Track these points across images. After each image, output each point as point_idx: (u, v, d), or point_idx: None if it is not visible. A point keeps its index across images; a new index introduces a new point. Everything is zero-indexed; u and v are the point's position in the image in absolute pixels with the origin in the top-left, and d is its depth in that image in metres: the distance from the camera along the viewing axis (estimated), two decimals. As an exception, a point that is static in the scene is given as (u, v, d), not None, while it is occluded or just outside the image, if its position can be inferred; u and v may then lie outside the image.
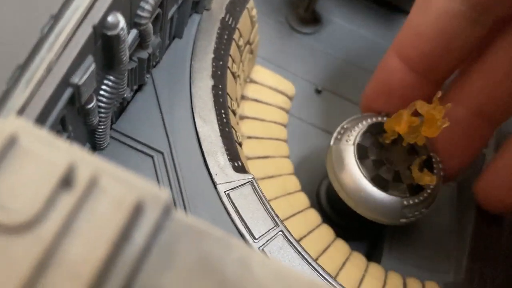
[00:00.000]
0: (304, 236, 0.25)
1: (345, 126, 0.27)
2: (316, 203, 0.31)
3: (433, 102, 0.24)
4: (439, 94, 0.24)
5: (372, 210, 0.25)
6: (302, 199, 0.27)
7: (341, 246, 0.27)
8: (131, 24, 0.19)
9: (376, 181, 0.25)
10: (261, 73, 0.31)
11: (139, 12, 0.18)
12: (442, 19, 0.25)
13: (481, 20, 0.24)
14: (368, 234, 0.31)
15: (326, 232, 0.27)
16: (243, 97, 0.29)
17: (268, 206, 0.22)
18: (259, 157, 0.28)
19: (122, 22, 0.16)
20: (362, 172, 0.25)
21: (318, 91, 0.35)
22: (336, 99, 0.35)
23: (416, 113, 0.25)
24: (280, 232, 0.21)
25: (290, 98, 0.31)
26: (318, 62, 0.35)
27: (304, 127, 0.33)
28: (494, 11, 0.24)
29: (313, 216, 0.27)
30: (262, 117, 0.29)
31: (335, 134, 0.27)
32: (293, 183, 0.28)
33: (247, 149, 0.28)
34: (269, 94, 0.30)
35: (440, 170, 0.27)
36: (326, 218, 0.30)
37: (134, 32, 0.19)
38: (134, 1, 0.18)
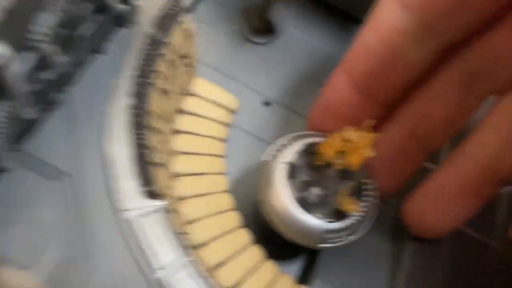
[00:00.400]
0: (226, 261, 0.25)
1: (281, 143, 0.26)
2: (254, 221, 0.30)
3: (359, 129, 0.23)
4: (372, 122, 0.24)
5: (293, 232, 0.25)
6: (233, 219, 0.27)
7: (268, 270, 0.26)
8: (25, 48, 0.18)
9: (301, 201, 0.25)
10: (202, 86, 0.30)
11: (31, 36, 0.18)
12: (389, 36, 0.24)
13: (428, 41, 0.24)
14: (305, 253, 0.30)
15: (252, 255, 0.26)
16: (181, 111, 0.29)
17: (180, 234, 0.21)
18: (191, 174, 0.27)
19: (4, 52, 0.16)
20: (288, 191, 0.25)
21: (267, 103, 0.34)
22: (286, 113, 0.34)
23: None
24: (189, 262, 0.20)
25: (232, 111, 0.30)
26: (270, 73, 0.35)
27: (249, 140, 0.33)
28: (441, 34, 0.23)
29: (242, 236, 0.27)
30: (198, 132, 0.28)
31: (269, 150, 0.26)
32: (225, 201, 0.27)
33: (180, 165, 0.27)
34: (208, 107, 0.29)
35: (374, 197, 0.26)
36: (263, 237, 0.30)
37: (30, 55, 0.18)
38: (21, 26, 0.17)
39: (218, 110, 0.30)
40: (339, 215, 0.25)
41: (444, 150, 0.30)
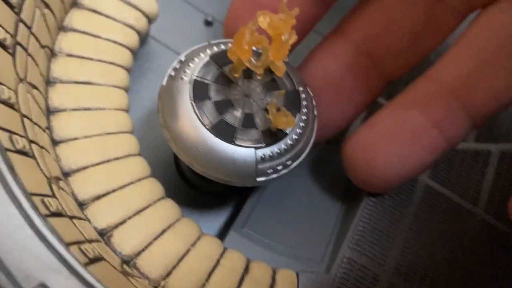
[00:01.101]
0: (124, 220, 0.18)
1: (182, 59, 0.20)
2: (174, 164, 0.24)
3: (279, 11, 0.17)
4: (296, 10, 0.17)
5: (217, 169, 0.18)
6: (139, 165, 0.20)
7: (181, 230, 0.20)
8: None
9: (219, 129, 0.18)
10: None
11: None
12: None
13: None
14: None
15: (166, 210, 0.20)
16: (77, 5, 0.22)
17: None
18: (77, 82, 0.21)
19: None
20: (199, 118, 0.18)
21: (208, 23, 0.28)
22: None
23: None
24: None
25: (147, 15, 0.24)
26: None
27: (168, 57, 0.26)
28: None
29: (153, 187, 0.20)
30: (97, 33, 0.22)
31: (169, 70, 0.20)
32: (127, 141, 0.21)
33: (60, 71, 0.20)
34: (115, 4, 0.23)
35: (311, 108, 0.20)
36: (187, 181, 0.23)
37: None
38: None
39: (128, 10, 0.23)
40: (271, 137, 0.18)
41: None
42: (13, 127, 0.15)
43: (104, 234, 0.18)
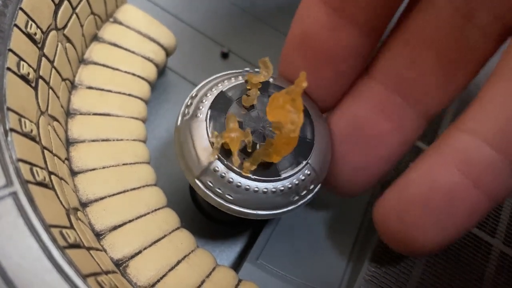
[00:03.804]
0: (141, 251, 0.19)
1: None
2: (190, 194, 0.24)
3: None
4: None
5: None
6: (155, 195, 0.20)
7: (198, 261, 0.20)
8: None
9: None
10: (130, 13, 0.24)
11: None
12: None
13: None
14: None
15: (181, 241, 0.20)
16: (97, 39, 0.23)
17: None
18: (96, 114, 0.21)
19: None
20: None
21: (224, 55, 0.28)
22: (244, 65, 0.28)
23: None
24: (12, 194, 0.14)
25: (166, 48, 0.24)
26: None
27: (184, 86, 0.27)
28: None
29: (169, 217, 0.20)
30: (116, 66, 0.22)
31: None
32: (144, 171, 0.21)
33: (80, 103, 0.21)
34: (134, 38, 0.23)
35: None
36: (202, 211, 0.24)
37: None
38: None
39: (147, 43, 0.24)
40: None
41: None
42: (33, 159, 0.16)
43: (120, 265, 0.18)
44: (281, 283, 0.21)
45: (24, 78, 0.17)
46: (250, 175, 0.18)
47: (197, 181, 0.18)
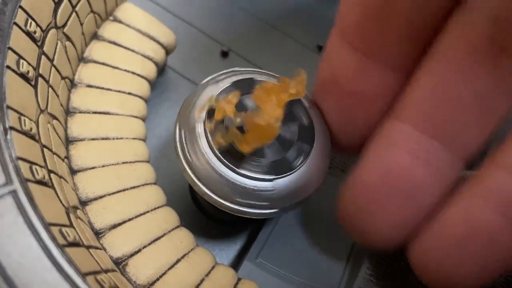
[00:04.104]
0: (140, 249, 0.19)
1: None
2: (189, 193, 0.24)
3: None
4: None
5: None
6: (154, 194, 0.20)
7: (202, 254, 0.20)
8: None
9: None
10: (130, 11, 0.24)
11: None
12: None
13: None
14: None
15: (180, 239, 0.20)
16: (97, 37, 0.23)
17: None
18: (95, 112, 0.21)
19: None
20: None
21: (224, 53, 0.28)
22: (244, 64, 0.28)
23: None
24: (12, 193, 0.14)
25: (165, 47, 0.24)
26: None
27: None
28: None
29: (168, 216, 0.20)
30: (116, 64, 0.22)
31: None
32: (143, 170, 0.21)
33: (79, 101, 0.21)
34: (134, 37, 0.23)
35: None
36: (202, 210, 0.24)
37: None
38: None
39: (147, 42, 0.23)
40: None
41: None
42: (33, 158, 0.16)
43: (120, 263, 0.18)
44: (281, 282, 0.21)
45: (23, 76, 0.17)
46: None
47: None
